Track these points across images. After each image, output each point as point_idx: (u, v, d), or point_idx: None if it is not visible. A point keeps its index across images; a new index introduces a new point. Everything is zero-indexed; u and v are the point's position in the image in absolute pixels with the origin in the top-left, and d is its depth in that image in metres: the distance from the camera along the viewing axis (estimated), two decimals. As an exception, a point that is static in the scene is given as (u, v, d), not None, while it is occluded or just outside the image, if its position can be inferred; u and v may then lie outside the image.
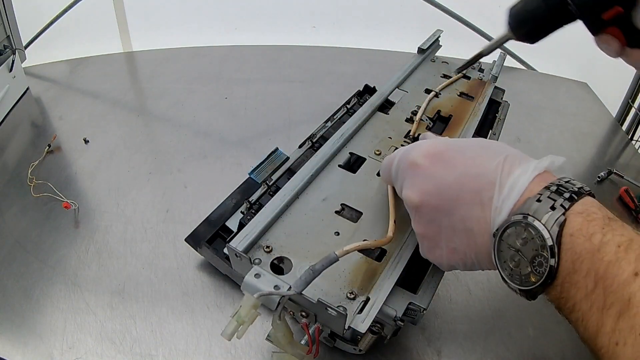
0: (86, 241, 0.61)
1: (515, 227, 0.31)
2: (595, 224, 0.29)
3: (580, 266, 0.28)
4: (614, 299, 0.26)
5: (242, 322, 0.34)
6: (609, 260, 0.27)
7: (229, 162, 0.75)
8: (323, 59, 1.08)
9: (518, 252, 0.31)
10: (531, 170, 0.32)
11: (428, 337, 0.52)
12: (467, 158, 0.35)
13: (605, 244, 0.27)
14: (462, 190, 0.34)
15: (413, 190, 0.36)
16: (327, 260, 0.35)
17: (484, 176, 0.33)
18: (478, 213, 0.33)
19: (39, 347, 0.49)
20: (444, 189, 0.35)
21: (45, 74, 0.98)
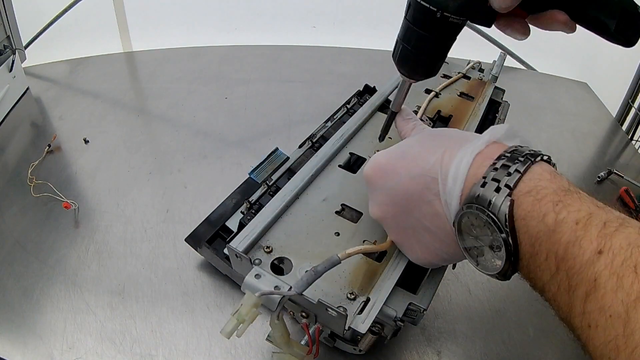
0: (86, 241, 0.61)
1: (467, 216, 0.30)
2: (546, 202, 0.27)
3: (539, 248, 0.27)
4: (578, 280, 0.24)
5: (242, 320, 0.34)
6: (567, 240, 0.25)
7: (229, 162, 0.75)
8: (323, 59, 1.08)
9: (477, 239, 0.31)
10: (469, 152, 0.31)
11: (428, 337, 0.52)
12: (408, 161, 0.35)
13: (560, 223, 0.26)
14: (409, 193, 0.35)
15: (373, 205, 0.39)
16: (329, 262, 0.35)
17: (426, 174, 0.33)
18: (430, 210, 0.34)
19: (39, 347, 0.49)
20: (394, 197, 0.36)
21: (45, 74, 0.98)
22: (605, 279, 0.23)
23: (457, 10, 0.35)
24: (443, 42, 0.38)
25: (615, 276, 0.23)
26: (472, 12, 0.35)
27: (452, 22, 0.35)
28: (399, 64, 0.40)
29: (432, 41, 0.37)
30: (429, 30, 0.37)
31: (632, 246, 0.23)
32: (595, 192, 0.76)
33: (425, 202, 0.34)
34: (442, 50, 0.39)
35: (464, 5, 0.34)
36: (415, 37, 0.38)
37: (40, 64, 1.02)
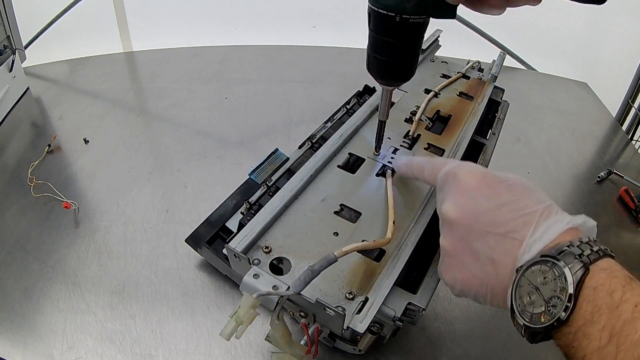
0: (86, 241, 0.61)
1: (541, 265, 0.32)
2: (617, 282, 0.30)
3: (598, 319, 0.29)
4: (625, 356, 0.27)
5: (240, 322, 0.34)
6: (625, 318, 0.28)
7: (229, 162, 0.76)
8: (323, 59, 1.08)
9: (537, 289, 0.32)
10: (566, 222, 0.34)
11: (428, 337, 0.52)
12: (511, 193, 0.36)
13: (624, 302, 0.29)
14: (498, 220, 0.35)
15: (453, 205, 0.37)
16: (325, 260, 0.36)
17: (523, 214, 0.35)
18: (507, 246, 0.34)
19: (39, 347, 0.49)
20: (482, 213, 0.36)
21: (45, 74, 0.98)
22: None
23: (414, 10, 0.35)
24: (410, 44, 0.38)
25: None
26: (430, 8, 0.35)
27: (414, 22, 0.36)
28: (374, 74, 0.41)
29: (399, 45, 0.38)
30: (393, 36, 0.37)
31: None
32: (595, 192, 0.76)
33: (508, 237, 0.34)
34: (412, 51, 0.39)
35: (419, 4, 0.35)
36: (382, 45, 0.38)
37: (40, 64, 1.02)
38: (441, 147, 0.54)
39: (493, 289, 0.35)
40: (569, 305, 0.30)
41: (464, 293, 0.38)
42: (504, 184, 0.37)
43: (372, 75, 0.41)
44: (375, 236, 0.42)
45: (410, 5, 0.35)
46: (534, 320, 0.32)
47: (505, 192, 0.36)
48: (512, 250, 0.34)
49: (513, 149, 0.84)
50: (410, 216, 0.45)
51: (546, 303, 0.31)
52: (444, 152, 0.53)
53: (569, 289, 0.30)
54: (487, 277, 0.35)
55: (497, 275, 0.35)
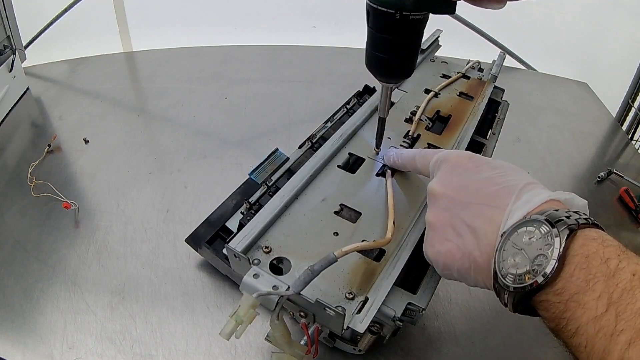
0: (86, 241, 0.61)
1: (528, 225, 0.32)
2: (611, 250, 0.29)
3: (593, 287, 0.28)
4: (625, 326, 0.26)
5: (240, 321, 0.34)
6: (623, 287, 0.27)
7: (229, 162, 0.76)
8: (323, 59, 1.08)
9: (521, 250, 0.31)
10: (549, 193, 0.34)
11: (428, 337, 0.52)
12: (495, 170, 0.37)
13: (620, 270, 0.28)
14: (481, 190, 0.36)
15: (438, 181, 0.39)
16: (326, 260, 0.36)
17: (505, 186, 0.36)
18: (490, 213, 0.35)
19: (39, 347, 0.49)
20: (465, 185, 0.37)
21: (45, 74, 0.98)
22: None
23: (414, 6, 0.35)
24: (410, 41, 0.38)
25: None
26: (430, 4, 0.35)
27: (414, 19, 0.36)
28: (374, 72, 0.41)
29: (399, 42, 0.37)
30: (393, 33, 0.37)
31: None
32: (595, 192, 0.76)
33: (490, 205, 0.35)
34: (412, 48, 0.39)
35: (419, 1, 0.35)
36: (382, 42, 0.38)
37: (40, 64, 1.02)
38: (441, 147, 0.54)
39: (476, 260, 0.35)
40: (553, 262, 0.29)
41: (448, 268, 0.37)
42: (490, 163, 0.38)
43: (372, 73, 0.41)
44: (376, 236, 0.42)
45: (410, 2, 0.35)
46: (517, 281, 0.31)
47: (489, 169, 0.37)
48: (494, 218, 0.34)
49: (513, 149, 0.84)
50: (410, 216, 0.45)
51: (531, 262, 0.30)
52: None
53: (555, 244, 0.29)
54: (469, 247, 0.35)
55: (480, 245, 0.35)
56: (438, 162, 0.41)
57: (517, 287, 0.31)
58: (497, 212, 0.34)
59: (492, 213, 0.35)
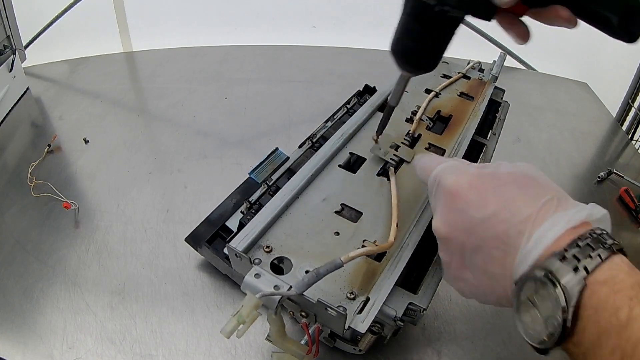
0: (86, 241, 0.61)
1: (534, 282, 0.30)
2: (622, 296, 0.27)
3: (606, 342, 0.26)
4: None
5: (242, 321, 0.34)
6: (637, 338, 0.25)
7: (229, 162, 0.75)
8: (323, 59, 1.08)
9: (534, 305, 0.30)
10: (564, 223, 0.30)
11: (428, 337, 0.52)
12: (503, 199, 0.33)
13: (633, 320, 0.26)
14: (489, 233, 0.33)
15: (442, 221, 0.36)
16: (331, 265, 0.35)
17: (514, 224, 0.32)
18: (501, 259, 0.32)
19: (39, 347, 0.49)
20: (471, 227, 0.34)
21: (45, 74, 0.98)
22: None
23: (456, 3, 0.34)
24: (442, 36, 0.37)
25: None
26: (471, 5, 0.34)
27: (451, 15, 0.35)
28: (398, 59, 0.39)
29: (430, 35, 0.36)
30: (427, 25, 0.36)
31: None
32: (595, 192, 0.76)
33: (500, 249, 0.32)
34: (441, 44, 0.38)
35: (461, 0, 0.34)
36: (413, 31, 0.37)
37: (40, 64, 1.02)
38: (442, 147, 0.54)
39: (499, 299, 0.34)
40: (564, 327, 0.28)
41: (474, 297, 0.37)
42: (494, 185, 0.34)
43: (395, 59, 0.39)
44: (377, 236, 0.42)
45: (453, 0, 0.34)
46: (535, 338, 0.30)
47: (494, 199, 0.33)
48: (507, 263, 0.32)
49: (513, 149, 0.84)
50: (412, 216, 0.45)
51: (545, 321, 0.29)
52: (444, 152, 0.53)
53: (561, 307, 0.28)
54: (489, 288, 0.34)
55: (497, 288, 0.34)
56: (434, 184, 0.38)
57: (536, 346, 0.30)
58: (508, 257, 0.32)
59: (504, 258, 0.32)
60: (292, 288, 0.35)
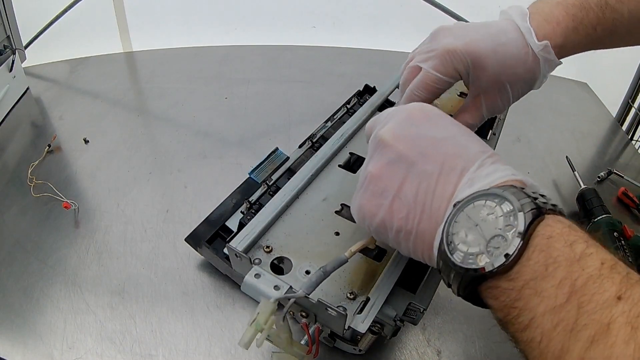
0: (86, 241, 0.61)
1: (488, 199, 0.27)
2: (577, 235, 0.26)
3: (553, 272, 0.24)
4: (589, 321, 0.22)
5: (260, 329, 0.33)
6: (589, 274, 0.23)
7: (229, 162, 0.75)
8: (323, 59, 1.08)
9: (477, 226, 0.27)
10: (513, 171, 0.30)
11: (428, 337, 0.52)
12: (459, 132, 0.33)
13: (587, 256, 0.24)
14: (438, 149, 0.32)
15: (389, 130, 0.34)
16: (337, 261, 0.36)
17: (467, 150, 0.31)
18: (446, 176, 0.31)
19: (39, 347, 0.49)
20: (420, 140, 0.33)
21: (45, 74, 0.98)
22: (619, 326, 0.21)
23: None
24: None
25: (629, 326, 0.21)
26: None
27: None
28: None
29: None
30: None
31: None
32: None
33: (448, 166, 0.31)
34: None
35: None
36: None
37: (40, 64, 1.02)
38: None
39: (419, 226, 0.31)
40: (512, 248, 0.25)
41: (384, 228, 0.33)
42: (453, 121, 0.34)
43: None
44: (376, 236, 0.42)
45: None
46: (467, 261, 0.27)
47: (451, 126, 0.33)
48: (449, 182, 0.30)
49: (513, 149, 0.84)
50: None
51: (487, 242, 0.26)
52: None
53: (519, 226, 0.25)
54: (414, 209, 0.31)
55: (427, 209, 0.31)
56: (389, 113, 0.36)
57: (466, 267, 0.27)
58: (453, 176, 0.30)
59: (448, 176, 0.30)
60: (301, 289, 0.35)
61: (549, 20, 0.41)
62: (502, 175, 0.29)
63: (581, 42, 0.43)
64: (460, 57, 0.41)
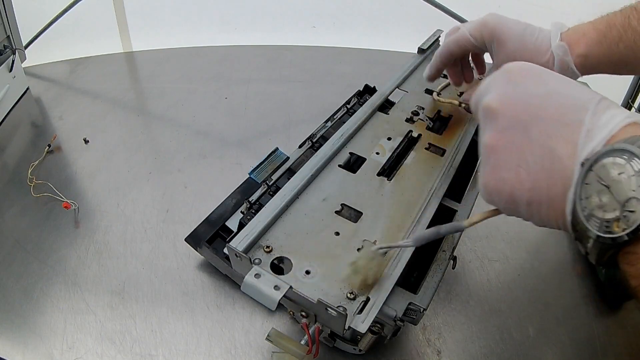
0: (86, 241, 0.61)
1: (616, 156, 0.25)
2: None
3: None
4: None
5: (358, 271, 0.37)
6: None
7: (229, 162, 0.75)
8: (323, 59, 1.08)
9: (608, 189, 0.25)
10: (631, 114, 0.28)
11: (428, 337, 0.52)
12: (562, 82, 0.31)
13: None
14: (548, 104, 0.30)
15: (495, 95, 0.32)
16: (453, 227, 0.37)
17: (576, 99, 0.29)
18: (563, 133, 0.28)
19: (39, 347, 0.49)
20: (528, 100, 0.31)
21: (45, 74, 0.98)
22: None
23: None
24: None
25: None
26: None
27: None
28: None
29: None
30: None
31: None
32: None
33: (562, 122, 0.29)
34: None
35: None
36: None
37: (40, 64, 1.02)
38: (442, 147, 0.54)
39: (550, 190, 0.29)
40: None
41: (514, 201, 0.31)
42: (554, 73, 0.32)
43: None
44: (376, 236, 0.42)
45: None
46: (604, 228, 0.25)
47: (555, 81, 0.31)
48: (569, 138, 0.28)
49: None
50: (412, 216, 0.45)
51: (621, 206, 0.24)
52: (445, 152, 0.53)
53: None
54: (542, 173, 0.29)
55: (555, 169, 0.28)
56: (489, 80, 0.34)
57: (603, 236, 0.25)
58: (571, 130, 0.28)
59: (566, 131, 0.28)
60: (410, 240, 0.38)
61: (577, 31, 0.48)
62: (620, 120, 0.27)
63: (605, 56, 0.47)
64: (490, 29, 0.49)
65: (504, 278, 0.59)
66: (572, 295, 0.57)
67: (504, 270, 0.60)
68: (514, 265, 0.60)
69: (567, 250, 0.62)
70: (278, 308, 0.36)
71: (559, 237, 0.64)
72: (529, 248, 0.62)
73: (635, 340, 0.53)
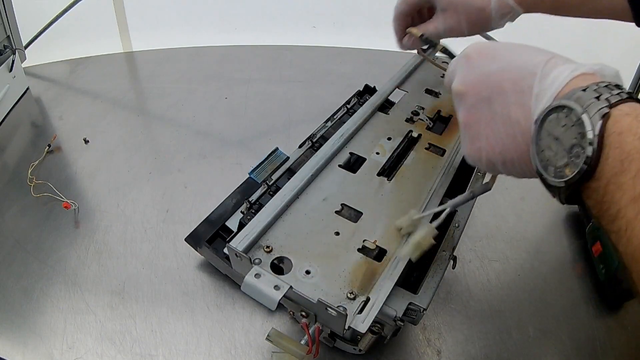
0: (86, 241, 0.61)
1: (557, 112, 0.29)
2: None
3: (629, 166, 0.26)
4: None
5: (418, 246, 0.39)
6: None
7: (229, 162, 0.75)
8: (323, 59, 1.08)
9: (557, 139, 0.29)
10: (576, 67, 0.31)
11: (428, 337, 0.52)
12: (514, 53, 0.35)
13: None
14: (502, 78, 0.34)
15: (459, 80, 0.38)
16: (482, 188, 0.39)
17: (526, 67, 0.33)
18: (518, 100, 0.33)
19: (39, 347, 0.49)
20: (486, 78, 0.35)
21: (45, 74, 0.98)
22: None
23: None
24: None
25: None
26: None
27: None
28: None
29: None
30: None
31: None
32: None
33: (516, 91, 0.33)
34: None
35: None
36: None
37: (40, 64, 1.02)
38: (442, 147, 0.54)
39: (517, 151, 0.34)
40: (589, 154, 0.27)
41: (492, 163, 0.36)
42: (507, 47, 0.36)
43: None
44: (376, 235, 0.42)
45: None
46: (558, 174, 0.29)
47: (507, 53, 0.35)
48: (523, 103, 0.32)
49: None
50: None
51: (568, 153, 0.29)
52: (445, 152, 0.53)
53: (587, 135, 0.27)
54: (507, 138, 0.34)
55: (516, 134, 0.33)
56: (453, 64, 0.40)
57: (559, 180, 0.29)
58: (524, 96, 0.32)
59: (520, 98, 0.33)
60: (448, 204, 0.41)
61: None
62: (565, 77, 0.31)
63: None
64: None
65: (504, 278, 0.59)
66: (572, 295, 0.57)
67: (504, 270, 0.60)
68: (514, 265, 0.60)
69: (567, 250, 0.62)
70: (278, 308, 0.36)
71: (559, 237, 0.64)
72: (529, 248, 0.62)
73: (635, 340, 0.53)
